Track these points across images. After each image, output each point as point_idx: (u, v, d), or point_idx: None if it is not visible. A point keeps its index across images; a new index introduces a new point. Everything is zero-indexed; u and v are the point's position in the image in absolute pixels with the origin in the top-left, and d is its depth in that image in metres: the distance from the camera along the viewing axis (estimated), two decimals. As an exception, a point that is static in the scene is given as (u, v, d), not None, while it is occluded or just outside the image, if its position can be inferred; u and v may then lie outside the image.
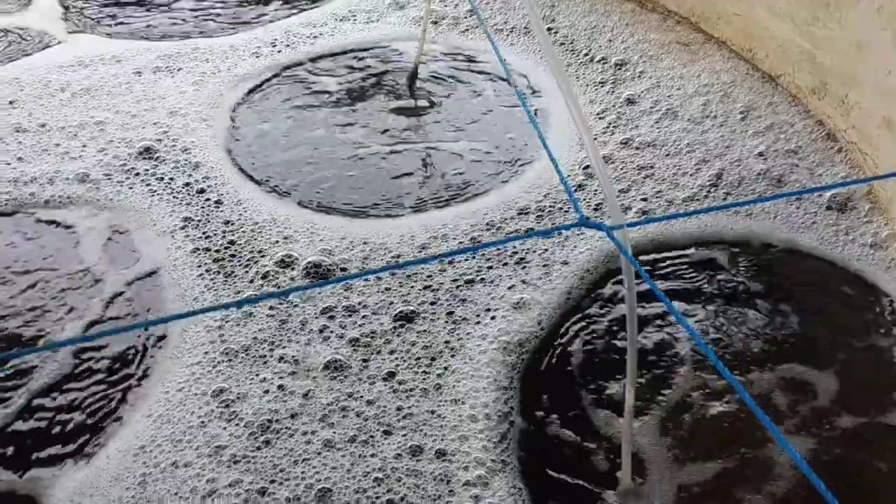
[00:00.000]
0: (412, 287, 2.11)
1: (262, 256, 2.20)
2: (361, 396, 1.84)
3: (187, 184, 2.51)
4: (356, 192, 2.52)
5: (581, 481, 1.69)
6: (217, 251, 2.24)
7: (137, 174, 2.56)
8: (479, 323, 2.01)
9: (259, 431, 1.77)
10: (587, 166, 2.50)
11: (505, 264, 2.18)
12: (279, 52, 3.21)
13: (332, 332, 1.99)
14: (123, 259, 2.27)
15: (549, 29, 3.23)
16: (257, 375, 1.89)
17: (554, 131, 2.73)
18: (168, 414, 1.81)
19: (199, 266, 2.19)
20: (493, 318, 2.02)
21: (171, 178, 2.54)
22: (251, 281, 2.14)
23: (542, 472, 1.71)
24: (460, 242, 2.23)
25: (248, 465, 1.71)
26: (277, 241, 2.26)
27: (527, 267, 2.17)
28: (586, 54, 3.09)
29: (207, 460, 1.71)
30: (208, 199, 2.45)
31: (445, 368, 1.90)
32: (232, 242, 2.26)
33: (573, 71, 3.01)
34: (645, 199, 2.39)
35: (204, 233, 2.32)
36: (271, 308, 2.06)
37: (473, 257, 2.17)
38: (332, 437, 1.76)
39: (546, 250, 2.22)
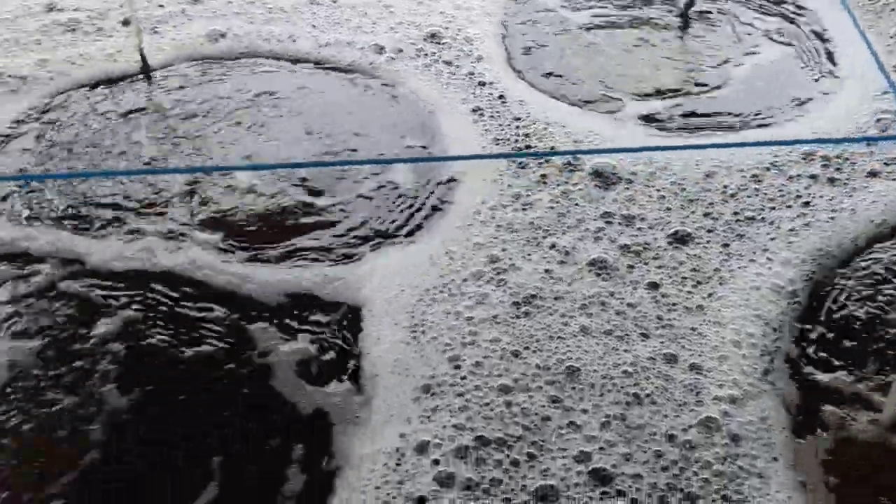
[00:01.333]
0: (693, 212, 2.23)
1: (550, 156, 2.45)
2: (622, 298, 2.01)
3: (471, 73, 2.85)
4: (644, 108, 2.71)
5: (840, 419, 1.76)
6: (516, 142, 2.52)
7: (426, 55, 2.96)
8: (753, 261, 2.11)
9: (522, 302, 2.02)
10: (880, 119, 2.54)
11: (789, 206, 2.25)
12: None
13: (605, 234, 2.17)
14: (419, 125, 2.63)
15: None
16: (529, 255, 2.13)
17: (846, 75, 2.79)
18: (447, 266, 2.10)
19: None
20: (769, 258, 2.10)
21: (458, 66, 2.89)
22: (541, 178, 2.37)
23: (798, 410, 1.79)
24: (742, 175, 2.35)
25: (507, 328, 1.95)
26: (565, 144, 2.49)
27: (813, 211, 2.23)
28: (885, 4, 3.06)
29: (474, 314, 1.99)
30: (491, 94, 2.75)
31: (710, 294, 2.02)
32: (527, 135, 2.54)
33: (875, 15, 3.01)
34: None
35: (499, 124, 2.61)
36: (553, 202, 2.29)
37: (756, 195, 2.28)
38: (588, 325, 1.95)
39: (833, 198, 2.27)
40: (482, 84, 2.81)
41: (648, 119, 2.64)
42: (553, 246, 2.15)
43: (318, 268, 2.14)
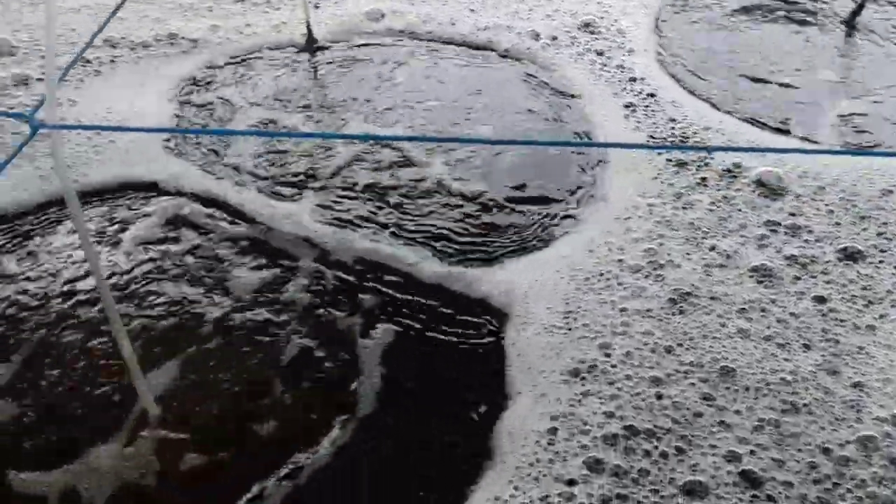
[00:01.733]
0: (865, 229, 2.23)
1: (712, 158, 2.49)
2: (785, 307, 2.03)
3: (621, 66, 2.96)
4: (808, 120, 2.71)
5: None
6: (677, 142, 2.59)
7: (579, 44, 3.10)
8: (931, 286, 2.09)
9: (679, 299, 2.07)
10: None
11: (976, 235, 2.22)
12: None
13: (770, 242, 2.20)
14: (571, 115, 2.73)
15: None
16: (688, 254, 2.18)
17: None
18: (605, 257, 2.18)
19: (651, 154, 2.55)
20: (949, 285, 2.08)
21: (609, 57, 3.01)
22: (701, 180, 2.43)
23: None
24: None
25: (661, 322, 2.01)
26: (724, 153, 2.52)
27: None
28: None
29: (628, 306, 2.05)
30: (642, 90, 2.83)
31: (882, 316, 2.01)
32: (684, 138, 2.58)
33: None
34: None
35: (652, 122, 2.68)
36: (713, 204, 2.33)
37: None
38: (747, 329, 1.98)
39: None
40: (633, 79, 2.90)
41: (810, 132, 2.66)
42: (713, 248, 2.19)
43: (480, 252, 2.26)
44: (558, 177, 2.49)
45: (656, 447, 1.76)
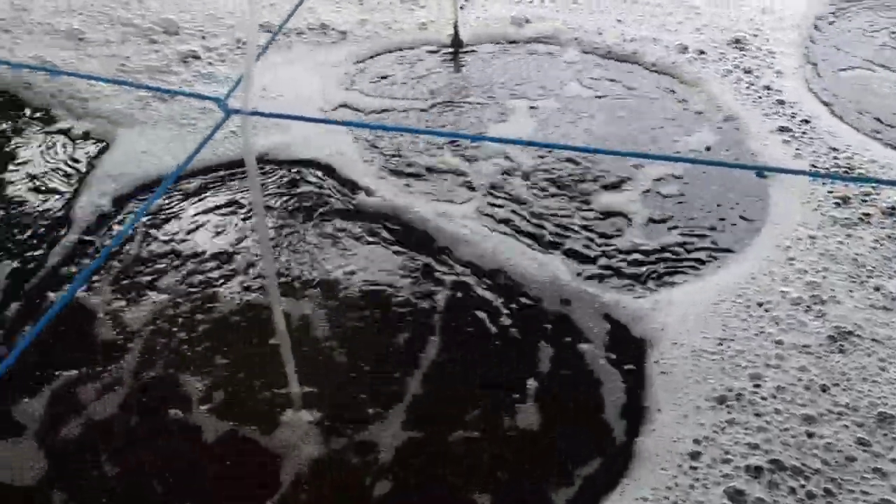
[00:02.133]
0: None
1: (877, 195, 2.44)
2: (952, 358, 1.99)
3: (768, 87, 2.96)
4: None
5: None
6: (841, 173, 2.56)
7: (727, 60, 3.13)
8: None
9: (838, 337, 2.03)
10: None
11: None
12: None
13: (939, 289, 2.16)
14: (722, 133, 2.73)
15: None
16: (851, 291, 2.14)
17: None
18: (766, 286, 2.16)
19: (815, 184, 2.53)
20: None
21: (757, 77, 3.01)
22: (864, 215, 2.38)
23: None
24: None
25: (818, 360, 1.98)
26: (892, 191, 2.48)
27: None
28: None
29: (784, 338, 2.03)
30: (794, 115, 2.81)
31: None
32: (849, 169, 2.54)
33: None
34: None
35: (812, 150, 2.64)
36: (876, 242, 2.28)
37: None
38: (912, 376, 1.95)
39: None
40: (781, 102, 2.89)
41: None
42: (878, 288, 2.14)
43: (640, 274, 2.30)
44: (721, 202, 2.50)
45: (803, 486, 1.74)
